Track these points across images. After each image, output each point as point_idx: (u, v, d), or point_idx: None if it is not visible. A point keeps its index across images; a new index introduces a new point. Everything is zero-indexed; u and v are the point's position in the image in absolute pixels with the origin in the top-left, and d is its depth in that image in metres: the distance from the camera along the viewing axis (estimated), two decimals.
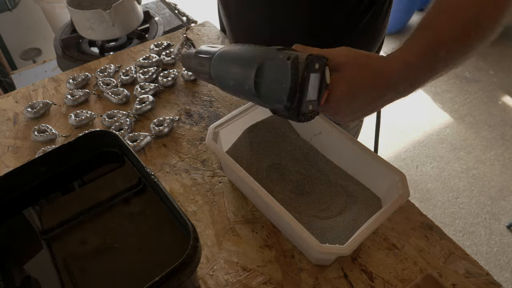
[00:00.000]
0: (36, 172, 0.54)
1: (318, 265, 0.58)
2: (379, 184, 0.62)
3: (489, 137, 2.12)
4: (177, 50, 0.78)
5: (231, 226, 0.63)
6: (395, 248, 0.60)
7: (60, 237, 0.51)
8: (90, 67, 0.94)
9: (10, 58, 2.16)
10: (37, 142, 0.76)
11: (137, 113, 0.80)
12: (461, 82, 2.42)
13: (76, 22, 1.36)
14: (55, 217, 0.52)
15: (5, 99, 0.86)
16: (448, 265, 0.58)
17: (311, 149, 0.70)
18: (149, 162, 0.72)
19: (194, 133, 0.77)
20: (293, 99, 0.46)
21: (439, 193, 1.89)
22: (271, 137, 0.70)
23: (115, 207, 0.53)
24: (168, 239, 0.49)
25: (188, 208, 0.65)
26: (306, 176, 0.67)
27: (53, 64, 2.01)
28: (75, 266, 0.48)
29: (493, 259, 1.65)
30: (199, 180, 0.69)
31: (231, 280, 0.57)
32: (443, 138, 2.13)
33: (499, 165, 1.99)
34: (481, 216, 1.79)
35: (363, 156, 0.61)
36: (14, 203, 0.53)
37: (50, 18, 2.00)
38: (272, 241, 0.61)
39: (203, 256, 0.59)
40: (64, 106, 0.84)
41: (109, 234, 0.50)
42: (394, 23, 2.62)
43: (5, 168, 0.72)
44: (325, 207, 0.63)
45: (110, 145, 0.58)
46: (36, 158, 0.55)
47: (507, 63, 2.52)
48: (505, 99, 2.32)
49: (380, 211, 0.54)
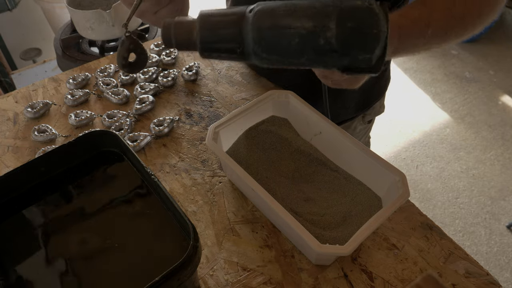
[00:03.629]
0: (36, 172, 0.54)
1: (318, 265, 0.58)
2: (379, 184, 0.62)
3: (489, 137, 2.12)
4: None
5: (231, 226, 0.63)
6: (395, 248, 0.60)
7: (60, 237, 0.50)
8: (90, 67, 0.94)
9: (10, 58, 2.16)
10: (37, 142, 0.76)
11: (137, 113, 0.81)
12: (461, 82, 2.43)
13: (76, 22, 1.36)
14: (55, 217, 0.52)
15: (5, 99, 0.86)
16: (448, 265, 0.58)
17: (311, 149, 0.70)
18: (149, 162, 0.72)
19: (194, 133, 0.77)
20: (385, 46, 0.42)
21: (439, 193, 1.89)
22: (271, 137, 0.70)
23: (115, 207, 0.53)
24: (168, 239, 0.49)
25: (188, 208, 0.65)
26: (306, 176, 0.67)
27: (53, 64, 2.01)
28: (75, 266, 0.48)
29: (493, 259, 1.65)
30: (199, 180, 0.69)
31: (231, 280, 0.57)
32: (443, 138, 2.13)
33: (499, 165, 1.99)
34: (481, 216, 1.79)
35: (363, 156, 0.61)
36: (14, 203, 0.53)
37: (50, 18, 2.00)
38: (272, 241, 0.61)
39: (203, 256, 0.59)
40: (64, 106, 0.84)
41: (109, 234, 0.50)
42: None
43: (5, 168, 0.72)
44: (325, 206, 0.63)
45: (110, 145, 0.58)
46: (36, 158, 0.55)
47: (507, 63, 2.52)
48: (505, 99, 2.32)
49: (380, 211, 0.54)
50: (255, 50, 0.44)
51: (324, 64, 0.45)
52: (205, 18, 0.45)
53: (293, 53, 0.44)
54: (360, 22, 0.41)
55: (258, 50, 0.44)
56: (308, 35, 0.42)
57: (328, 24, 0.41)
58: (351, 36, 0.42)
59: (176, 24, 0.47)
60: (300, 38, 0.42)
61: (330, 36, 0.41)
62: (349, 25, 0.41)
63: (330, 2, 0.42)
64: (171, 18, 0.48)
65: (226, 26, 0.44)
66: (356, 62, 0.44)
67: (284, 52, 0.44)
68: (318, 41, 0.42)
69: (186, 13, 0.61)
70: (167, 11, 0.57)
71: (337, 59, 0.44)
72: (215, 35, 0.45)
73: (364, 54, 0.42)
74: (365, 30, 0.41)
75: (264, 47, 0.44)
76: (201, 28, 0.45)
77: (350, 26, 0.41)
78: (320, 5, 0.42)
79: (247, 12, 0.44)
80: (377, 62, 0.43)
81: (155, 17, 0.58)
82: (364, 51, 0.42)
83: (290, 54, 0.45)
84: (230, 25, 0.44)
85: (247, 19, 0.44)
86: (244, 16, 0.44)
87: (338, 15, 0.41)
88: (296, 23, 0.42)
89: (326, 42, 0.42)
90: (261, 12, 0.43)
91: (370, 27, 0.41)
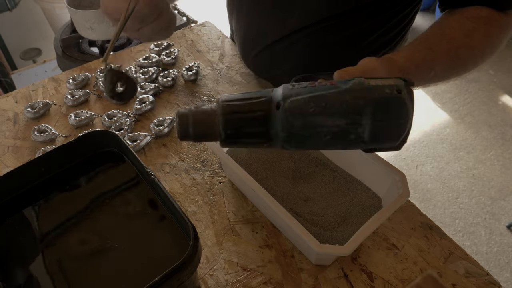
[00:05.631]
0: (36, 172, 0.54)
1: (318, 265, 0.58)
2: (379, 184, 0.62)
3: (489, 137, 2.12)
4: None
5: (231, 226, 0.63)
6: (395, 248, 0.60)
7: (60, 237, 0.50)
8: (90, 67, 0.94)
9: (10, 58, 2.16)
10: (37, 142, 0.76)
11: (137, 113, 0.81)
12: (461, 82, 2.42)
13: (76, 22, 1.36)
14: (55, 217, 0.52)
15: (5, 99, 0.86)
16: (448, 265, 0.58)
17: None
18: (149, 162, 0.72)
19: None
20: (408, 133, 0.42)
21: (439, 193, 1.89)
22: None
23: (115, 207, 0.53)
24: (168, 239, 0.49)
25: (188, 208, 0.65)
26: (306, 176, 0.67)
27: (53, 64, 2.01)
28: (75, 266, 0.48)
29: (493, 259, 1.65)
30: (199, 180, 0.69)
31: (231, 280, 0.57)
32: (443, 138, 2.13)
33: (499, 165, 1.99)
34: (481, 216, 1.79)
35: (363, 156, 0.61)
36: (14, 203, 0.53)
37: (50, 18, 2.00)
38: (272, 241, 0.61)
39: (203, 256, 0.59)
40: (64, 106, 0.84)
41: (109, 234, 0.50)
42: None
43: (5, 168, 0.72)
44: (325, 206, 0.63)
45: (110, 145, 0.58)
46: (36, 158, 0.55)
47: (507, 63, 2.52)
48: (505, 99, 2.32)
49: (380, 211, 0.54)
50: (284, 145, 0.43)
51: (349, 149, 0.45)
52: (228, 114, 0.42)
53: (321, 146, 0.43)
54: (391, 115, 0.41)
55: (287, 145, 0.43)
56: (340, 132, 0.41)
57: (360, 120, 0.40)
58: (382, 129, 0.41)
59: (195, 117, 0.42)
60: (331, 135, 0.41)
61: (361, 132, 0.41)
62: (380, 121, 0.41)
63: (360, 94, 0.41)
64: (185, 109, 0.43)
65: (252, 124, 0.42)
66: (382, 147, 0.44)
67: (313, 145, 0.43)
68: (349, 136, 0.41)
69: (171, 31, 0.60)
70: (151, 29, 0.56)
71: (364, 147, 0.44)
72: (240, 134, 0.43)
73: (391, 141, 0.42)
74: (394, 122, 0.41)
75: (294, 144, 0.43)
76: (225, 126, 0.42)
77: (381, 121, 0.41)
78: (350, 98, 0.41)
79: (274, 108, 0.41)
80: (401, 143, 0.43)
81: (137, 34, 0.57)
82: (392, 140, 0.42)
83: (318, 146, 0.44)
84: (257, 123, 0.42)
85: (275, 116, 0.41)
86: (270, 113, 0.41)
87: (370, 110, 0.40)
88: (329, 122, 0.41)
89: (357, 137, 0.41)
90: (291, 111, 0.41)
91: (400, 118, 0.41)
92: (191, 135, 0.43)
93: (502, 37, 0.60)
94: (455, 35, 0.58)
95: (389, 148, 0.44)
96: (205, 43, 1.00)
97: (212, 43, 0.99)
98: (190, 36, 1.02)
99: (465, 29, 0.58)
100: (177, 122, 0.43)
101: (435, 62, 0.57)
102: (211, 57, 0.95)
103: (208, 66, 0.93)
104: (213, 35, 1.02)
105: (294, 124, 0.41)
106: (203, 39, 1.01)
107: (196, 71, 0.88)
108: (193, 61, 0.94)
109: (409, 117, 0.41)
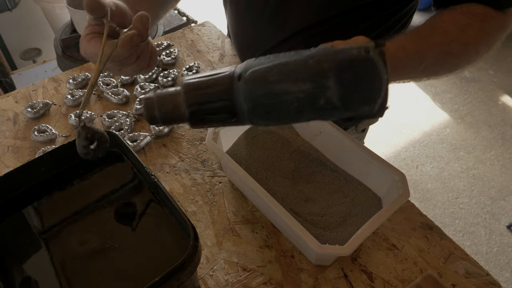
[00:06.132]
0: (36, 172, 0.54)
1: (318, 265, 0.58)
2: (379, 184, 0.62)
3: (489, 137, 2.12)
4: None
5: (231, 226, 0.63)
6: (395, 248, 0.60)
7: (59, 237, 0.51)
8: (90, 67, 0.94)
9: (10, 58, 2.16)
10: (37, 142, 0.76)
11: (137, 113, 0.80)
12: (461, 82, 2.43)
13: (76, 22, 1.36)
14: (55, 217, 0.52)
15: (5, 99, 0.86)
16: (448, 265, 0.58)
17: (311, 149, 0.70)
18: (149, 162, 0.72)
19: (194, 133, 0.77)
20: (387, 95, 0.39)
21: (439, 193, 1.89)
22: (271, 137, 0.70)
23: (115, 208, 0.53)
24: (168, 239, 0.49)
25: (188, 208, 0.65)
26: (306, 176, 0.67)
27: (53, 64, 2.02)
28: (75, 266, 0.48)
29: (493, 259, 1.65)
30: (199, 180, 0.69)
31: (231, 280, 0.57)
32: (443, 138, 2.13)
33: (499, 165, 1.99)
34: (481, 216, 1.79)
35: (363, 156, 0.61)
36: (14, 203, 0.53)
37: (50, 18, 2.00)
38: (272, 241, 0.61)
39: (203, 256, 0.59)
40: (64, 106, 0.84)
41: (109, 234, 0.50)
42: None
43: (5, 168, 0.72)
44: (325, 207, 0.63)
45: (110, 145, 0.58)
46: (36, 158, 0.55)
47: (507, 63, 2.52)
48: (505, 99, 2.32)
49: (380, 211, 0.54)
50: (251, 118, 0.41)
51: (325, 119, 0.43)
52: (190, 92, 0.41)
53: (292, 116, 0.41)
54: (360, 77, 0.39)
55: (254, 118, 0.41)
56: (307, 98, 0.39)
57: (326, 83, 0.38)
58: (352, 92, 0.39)
59: (159, 99, 0.42)
60: (298, 102, 0.39)
61: (330, 96, 0.39)
62: (349, 83, 0.39)
63: (324, 57, 0.39)
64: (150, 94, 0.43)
65: (215, 99, 0.41)
66: (359, 114, 0.42)
67: (283, 116, 0.42)
68: (318, 101, 0.39)
69: (153, 67, 0.59)
70: (131, 70, 0.55)
71: (338, 114, 0.41)
72: (204, 110, 0.41)
73: (367, 106, 0.40)
74: (365, 85, 0.39)
75: (260, 115, 0.41)
76: (188, 104, 0.41)
77: (350, 83, 0.39)
78: (314, 62, 0.39)
79: (236, 80, 0.40)
80: (380, 109, 0.41)
81: (120, 73, 0.56)
82: (367, 104, 0.40)
83: (289, 117, 0.42)
84: (219, 97, 0.41)
85: (237, 88, 0.40)
86: (232, 86, 0.40)
87: (336, 72, 0.38)
88: (293, 88, 0.39)
89: (327, 102, 0.39)
90: (252, 80, 0.40)
91: (370, 80, 0.39)
92: (158, 118, 0.43)
93: (498, 35, 0.59)
94: (449, 29, 0.57)
95: (368, 115, 0.41)
96: (205, 43, 1.00)
97: (212, 43, 0.99)
98: (190, 36, 1.02)
99: (460, 23, 0.57)
100: (143, 107, 0.43)
101: (427, 54, 0.56)
102: (211, 57, 0.95)
103: (208, 66, 0.93)
104: (213, 35, 1.02)
105: (257, 93, 0.40)
106: (203, 39, 1.01)
107: (196, 71, 0.88)
108: (193, 61, 0.94)
109: (382, 78, 0.38)
